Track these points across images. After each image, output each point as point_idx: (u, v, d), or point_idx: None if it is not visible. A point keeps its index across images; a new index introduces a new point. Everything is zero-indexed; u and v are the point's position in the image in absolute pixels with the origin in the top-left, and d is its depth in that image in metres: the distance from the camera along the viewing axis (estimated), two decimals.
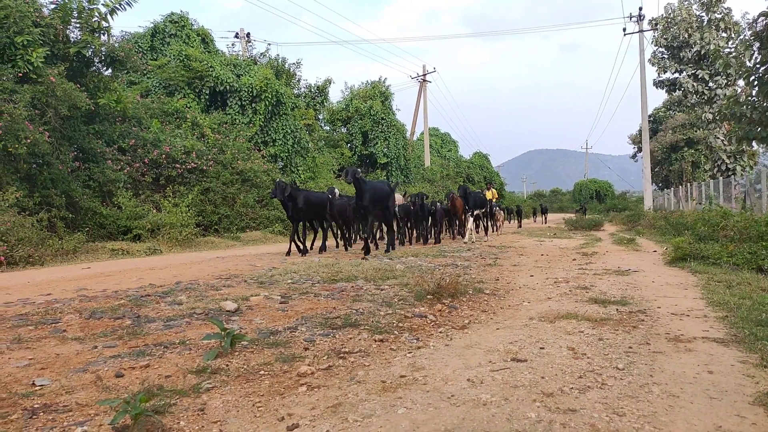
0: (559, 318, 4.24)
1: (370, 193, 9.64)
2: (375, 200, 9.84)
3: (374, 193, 9.81)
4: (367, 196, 9.60)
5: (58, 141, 11.70)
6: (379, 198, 10.00)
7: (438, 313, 4.47)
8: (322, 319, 4.14)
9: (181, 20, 22.11)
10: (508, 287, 6.03)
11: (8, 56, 11.14)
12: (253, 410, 2.40)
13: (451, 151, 45.02)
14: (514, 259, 9.31)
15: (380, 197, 10.08)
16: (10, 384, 2.66)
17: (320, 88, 29.80)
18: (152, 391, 2.49)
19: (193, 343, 3.44)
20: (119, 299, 5.01)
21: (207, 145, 17.04)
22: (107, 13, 12.80)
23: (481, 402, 2.43)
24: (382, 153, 29.75)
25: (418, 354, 3.28)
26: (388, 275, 6.66)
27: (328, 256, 10.00)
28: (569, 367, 2.96)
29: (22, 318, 4.23)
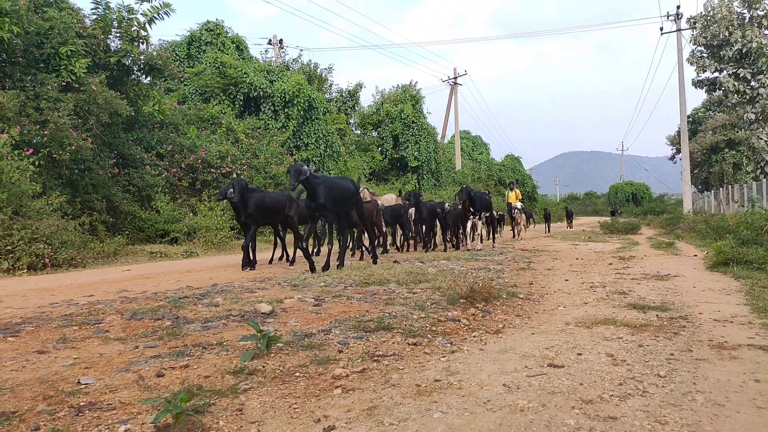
0: (597, 323, 4.15)
1: (326, 192, 7.87)
2: (334, 200, 8.03)
3: (332, 192, 7.99)
4: (321, 194, 7.82)
5: (99, 147, 12.10)
6: (339, 197, 8.16)
7: (471, 317, 4.44)
8: (355, 322, 4.15)
9: (217, 28, 22.60)
10: (543, 291, 5.94)
11: (53, 66, 11.58)
12: (289, 411, 2.43)
13: (483, 154, 44.69)
14: (547, 263, 9.16)
15: (341, 196, 8.23)
16: (56, 382, 2.76)
17: (351, 93, 30.05)
18: (192, 390, 2.55)
19: (230, 344, 3.50)
20: (158, 301, 5.13)
21: (241, 150, 17.35)
22: (146, 23, 13.18)
23: (518, 408, 2.40)
24: (413, 156, 29.74)
25: (452, 358, 3.27)
26: (420, 279, 6.64)
27: (292, 271, 8.23)
28: (608, 374, 2.90)
29: (67, 318, 4.38)
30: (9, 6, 10.51)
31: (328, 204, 7.89)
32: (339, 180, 8.63)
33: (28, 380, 2.78)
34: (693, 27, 32.45)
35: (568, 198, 72.55)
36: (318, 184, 7.82)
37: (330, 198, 7.92)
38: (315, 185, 7.80)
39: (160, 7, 13.23)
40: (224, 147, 16.50)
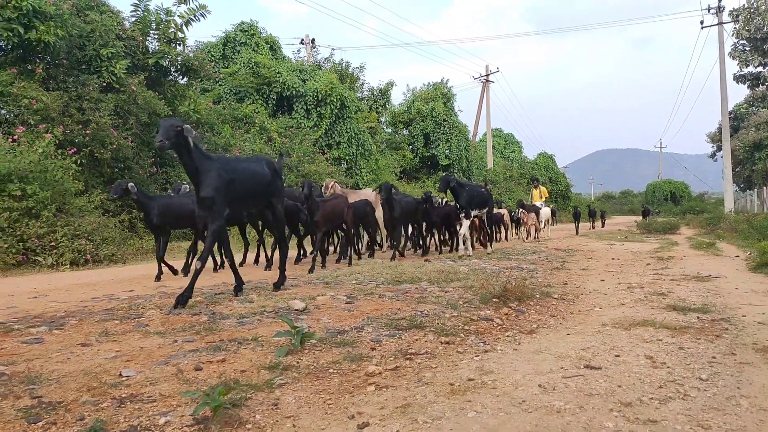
0: (635, 325, 4.06)
1: (218, 179, 4.94)
2: (237, 191, 5.20)
3: (234, 179, 5.12)
4: (210, 183, 4.91)
5: (138, 146, 12.44)
6: (248, 186, 5.38)
7: (505, 317, 4.39)
8: (387, 319, 4.16)
9: (251, 29, 22.93)
10: (578, 292, 5.84)
11: (94, 68, 11.95)
12: (324, 407, 2.45)
13: (515, 152, 44.13)
14: (582, 263, 9.00)
15: (251, 185, 5.44)
16: (99, 374, 2.85)
17: (383, 91, 30.06)
18: (229, 384, 2.59)
19: (264, 339, 3.55)
20: (195, 296, 5.24)
21: (274, 149, 17.57)
22: (183, 25, 13.48)
23: (555, 409, 2.37)
24: (444, 155, 29.60)
25: (485, 357, 3.24)
26: (452, 277, 6.61)
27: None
28: (648, 377, 2.83)
29: (109, 312, 4.52)
30: (53, 10, 10.89)
31: (217, 198, 4.94)
32: (247, 164, 5.60)
33: (72, 372, 2.88)
34: (735, 20, 31.34)
35: (603, 197, 71.04)
36: (210, 169, 4.93)
37: (221, 188, 4.96)
38: (204, 171, 4.89)
39: (197, 9, 13.51)
40: (257, 146, 16.74)
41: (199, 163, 4.91)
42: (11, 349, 3.37)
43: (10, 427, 2.19)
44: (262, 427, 2.24)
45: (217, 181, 4.94)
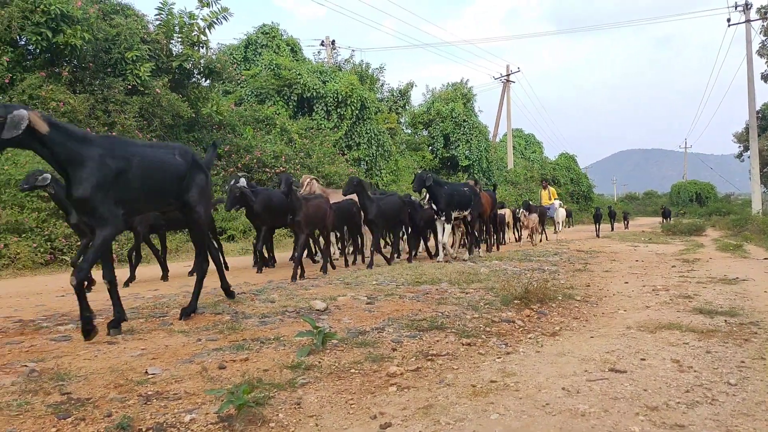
0: (660, 328, 3.99)
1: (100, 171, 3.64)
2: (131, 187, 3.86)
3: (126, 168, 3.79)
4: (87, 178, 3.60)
5: None
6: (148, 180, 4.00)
7: (526, 319, 4.36)
8: (408, 320, 4.16)
9: (272, 31, 23.14)
10: (601, 294, 5.76)
11: (120, 71, 12.18)
12: (346, 407, 2.46)
13: (536, 153, 43.71)
14: (605, 265, 8.87)
15: (154, 179, 4.07)
16: (126, 372, 2.90)
17: (402, 92, 30.08)
18: (252, 383, 2.62)
19: (286, 339, 3.58)
20: (218, 296, 5.31)
21: (294, 150, 17.70)
22: (205, 28, 13.67)
23: (579, 412, 2.34)
24: (464, 155, 29.45)
25: (507, 359, 3.22)
26: (473, 279, 6.57)
27: None
28: (674, 381, 2.78)
29: (134, 311, 4.60)
30: (80, 14, 11.14)
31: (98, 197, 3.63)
32: (152, 151, 4.28)
33: (99, 369, 2.94)
34: (764, 18, 30.59)
35: (626, 197, 69.93)
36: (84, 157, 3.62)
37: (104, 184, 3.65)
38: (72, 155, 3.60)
39: (219, 12, 13.69)
40: (278, 147, 16.87)
41: (65, 149, 3.56)
42: (41, 346, 3.45)
43: (41, 422, 2.24)
44: (286, 426, 2.25)
45: (98, 173, 3.61)
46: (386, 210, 8.59)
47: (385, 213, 8.57)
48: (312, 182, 9.21)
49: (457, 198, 9.15)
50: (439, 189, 8.80)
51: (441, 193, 8.81)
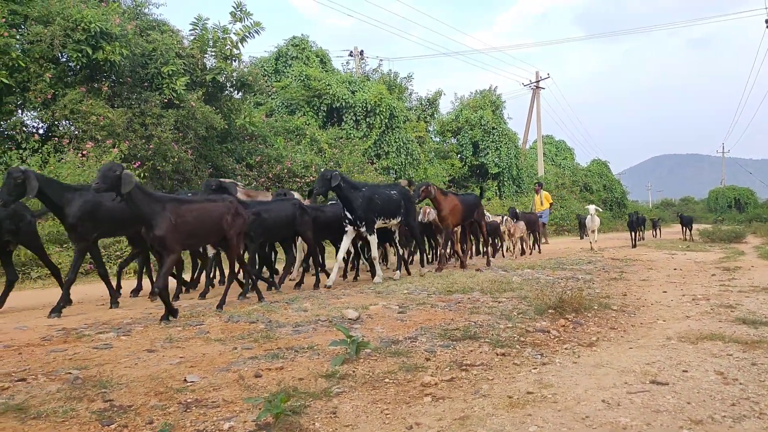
0: (702, 339, 3.87)
1: None
2: None
3: None
4: None
5: (196, 159, 12.95)
6: None
7: (562, 329, 4.28)
8: (441, 330, 4.14)
9: (302, 43, 23.50)
10: (638, 304, 5.62)
11: (156, 85, 12.54)
12: (381, 417, 2.46)
13: (567, 159, 43.05)
14: (642, 274, 8.66)
15: None
16: (166, 379, 2.96)
17: (431, 101, 30.10)
18: (289, 392, 2.64)
19: (320, 348, 3.60)
20: (252, 305, 5.38)
21: (324, 160, 17.87)
22: (238, 42, 13.97)
23: (621, 426, 2.29)
24: (494, 163, 29.22)
25: (543, 370, 3.17)
26: (505, 287, 6.50)
27: None
28: (719, 393, 2.69)
29: (171, 320, 4.70)
30: (119, 31, 11.52)
31: None
32: None
33: (140, 377, 3.01)
34: None
35: (662, 204, 68.20)
36: None
37: None
38: None
39: (251, 26, 13.99)
40: (308, 157, 17.07)
41: None
42: (83, 354, 3.55)
43: (86, 428, 2.31)
44: None
45: None
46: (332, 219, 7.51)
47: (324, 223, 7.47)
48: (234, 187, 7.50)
49: (381, 203, 7.48)
50: (353, 192, 7.20)
51: (355, 198, 7.16)
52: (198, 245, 6.03)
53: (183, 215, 4.62)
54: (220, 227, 5.05)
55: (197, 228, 4.82)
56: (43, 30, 10.93)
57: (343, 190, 7.07)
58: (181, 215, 4.60)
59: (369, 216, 7.22)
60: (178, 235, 4.55)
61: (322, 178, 7.06)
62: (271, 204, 6.94)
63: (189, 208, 4.76)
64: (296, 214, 6.82)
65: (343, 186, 7.06)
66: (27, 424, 2.34)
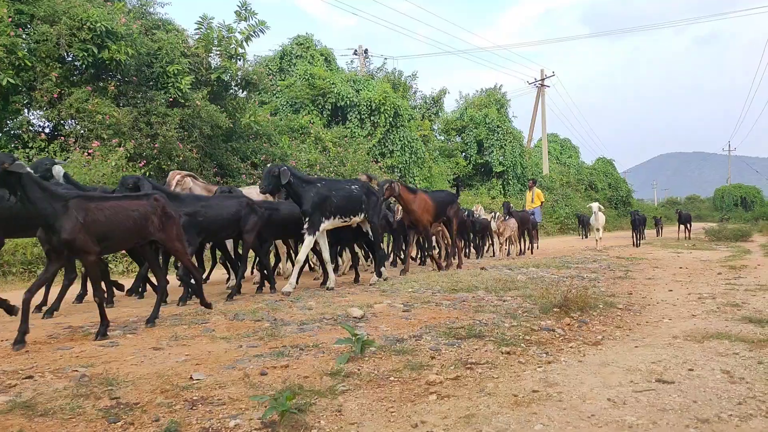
0: (708, 337, 3.86)
1: None
2: None
3: None
4: None
5: (202, 158, 12.97)
6: None
7: (567, 327, 4.28)
8: (445, 328, 4.14)
9: (306, 42, 23.51)
10: (644, 302, 5.61)
11: (161, 84, 12.57)
12: (386, 415, 2.47)
13: (572, 158, 42.91)
14: (647, 272, 8.63)
15: None
16: (172, 377, 2.97)
17: (435, 99, 30.06)
18: (294, 390, 2.65)
19: (325, 346, 3.61)
20: (257, 303, 5.40)
21: (328, 158, 17.88)
22: (243, 41, 13.97)
23: (626, 424, 2.28)
24: (498, 161, 29.17)
25: (549, 369, 3.17)
26: (509, 286, 6.50)
27: None
28: (725, 392, 2.68)
29: (177, 318, 4.72)
30: (124, 30, 11.55)
31: None
32: None
33: (146, 374, 3.02)
34: None
35: (668, 202, 67.89)
36: None
37: None
38: None
39: (256, 26, 13.98)
40: (313, 155, 17.08)
41: None
42: (90, 352, 3.57)
43: (93, 425, 2.32)
44: None
45: None
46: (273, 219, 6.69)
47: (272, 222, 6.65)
48: (185, 180, 6.94)
49: (338, 200, 6.70)
50: (305, 186, 6.49)
51: (307, 192, 6.44)
52: (115, 249, 5.26)
53: (93, 214, 4.07)
54: (144, 228, 4.45)
55: (112, 229, 4.22)
56: (49, 29, 10.97)
57: (293, 186, 6.42)
58: (91, 214, 4.05)
59: (315, 214, 6.44)
60: (90, 236, 3.98)
61: (269, 175, 6.38)
62: (210, 201, 6.06)
63: (101, 205, 4.20)
64: (242, 212, 6.05)
65: (293, 182, 6.40)
66: (34, 421, 2.36)
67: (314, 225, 6.42)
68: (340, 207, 6.75)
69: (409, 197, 8.16)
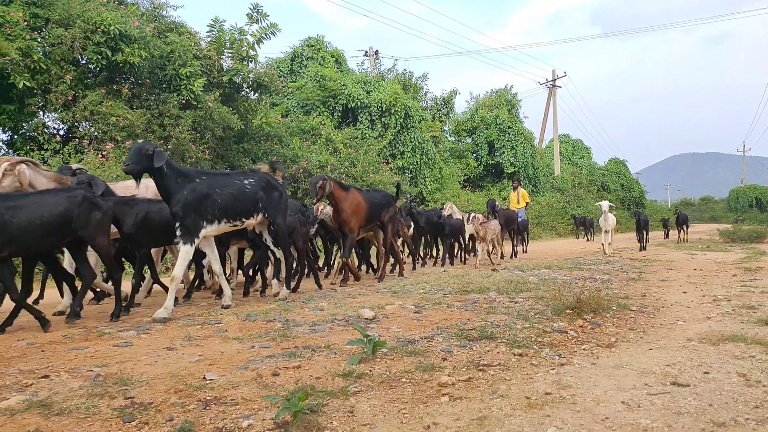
0: (723, 340, 3.81)
1: None
2: None
3: None
4: None
5: (214, 159, 13.07)
6: None
7: (580, 329, 4.25)
8: (457, 330, 4.13)
9: (317, 44, 23.60)
10: (658, 304, 5.55)
11: (174, 86, 12.68)
12: (398, 416, 2.46)
13: (584, 158, 42.65)
14: (661, 274, 8.55)
15: None
16: (185, 377, 2.99)
17: (446, 100, 30.03)
18: (306, 390, 2.66)
19: (337, 347, 3.61)
20: (268, 303, 5.42)
21: (339, 160, 17.92)
22: (254, 43, 14.06)
23: (641, 427, 2.26)
24: (509, 162, 29.06)
25: (562, 371, 3.14)
26: (521, 288, 6.47)
27: None
28: (741, 395, 2.65)
29: (190, 318, 4.75)
30: (137, 33, 11.67)
31: None
32: None
33: (160, 374, 3.04)
34: None
35: (681, 203, 67.23)
36: None
37: None
38: None
39: (267, 28, 14.08)
40: (324, 157, 17.13)
41: None
42: (104, 352, 3.61)
43: (108, 425, 2.34)
44: None
45: None
46: None
47: None
48: (17, 169, 5.04)
49: (223, 198, 5.33)
50: (177, 182, 5.05)
51: (177, 190, 5.02)
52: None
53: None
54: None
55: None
56: (64, 32, 11.10)
57: (165, 179, 4.98)
58: None
59: (190, 217, 5.03)
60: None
61: (139, 152, 4.88)
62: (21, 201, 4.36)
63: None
64: (75, 211, 4.49)
65: (166, 172, 4.98)
66: (50, 420, 2.39)
67: (190, 231, 5.03)
68: (227, 208, 5.38)
69: (341, 195, 7.17)
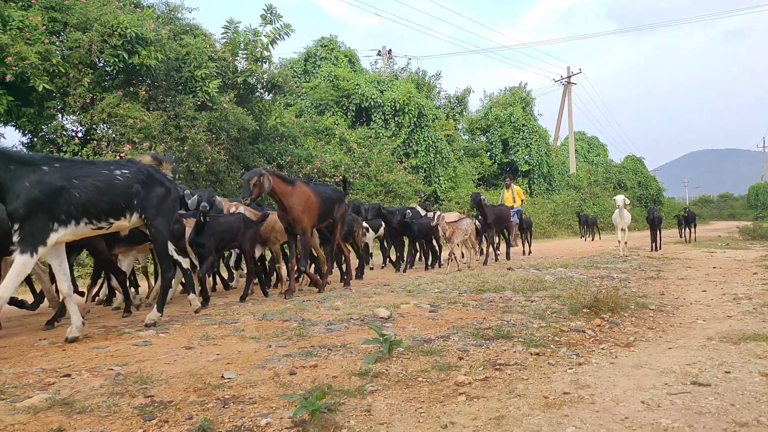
0: (745, 339, 3.75)
1: None
2: None
3: None
4: None
5: (229, 160, 13.18)
6: None
7: (597, 329, 4.21)
8: (473, 329, 4.12)
9: (330, 44, 23.67)
10: (677, 303, 5.48)
11: (190, 88, 12.80)
12: (415, 415, 2.46)
13: (600, 156, 42.22)
14: (680, 272, 8.43)
15: None
16: (203, 376, 3.02)
17: (459, 98, 29.93)
18: (323, 389, 2.67)
19: (353, 346, 3.62)
20: (285, 303, 5.45)
21: (353, 159, 17.96)
22: (268, 44, 14.15)
23: (662, 427, 2.23)
24: (524, 160, 28.88)
25: (579, 371, 3.12)
26: (537, 287, 6.43)
27: None
28: (764, 395, 2.61)
29: (207, 318, 4.80)
30: (153, 36, 11.79)
31: None
32: None
33: (179, 373, 3.08)
34: None
35: (700, 200, 66.23)
36: None
37: None
38: None
39: (281, 28, 14.16)
40: (338, 156, 17.18)
41: None
42: (124, 351, 3.66)
43: (129, 423, 2.38)
44: None
45: None
46: None
47: None
48: None
49: (83, 192, 4.11)
50: (16, 172, 3.87)
51: (22, 181, 3.86)
52: None
53: None
54: None
55: None
56: (82, 36, 11.25)
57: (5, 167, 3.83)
58: None
59: (34, 218, 3.86)
60: None
61: None
62: None
63: None
64: None
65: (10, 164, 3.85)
66: (73, 417, 2.43)
67: (32, 237, 3.84)
68: (88, 205, 4.14)
69: (285, 190, 6.22)
